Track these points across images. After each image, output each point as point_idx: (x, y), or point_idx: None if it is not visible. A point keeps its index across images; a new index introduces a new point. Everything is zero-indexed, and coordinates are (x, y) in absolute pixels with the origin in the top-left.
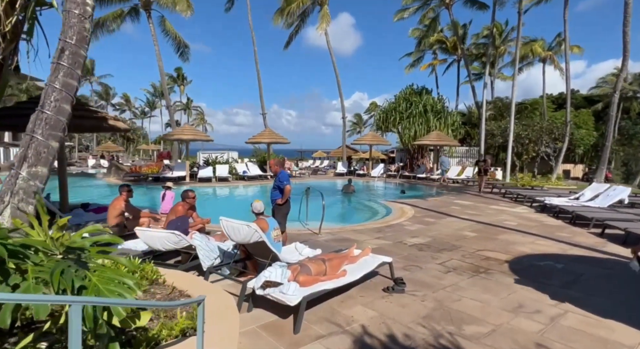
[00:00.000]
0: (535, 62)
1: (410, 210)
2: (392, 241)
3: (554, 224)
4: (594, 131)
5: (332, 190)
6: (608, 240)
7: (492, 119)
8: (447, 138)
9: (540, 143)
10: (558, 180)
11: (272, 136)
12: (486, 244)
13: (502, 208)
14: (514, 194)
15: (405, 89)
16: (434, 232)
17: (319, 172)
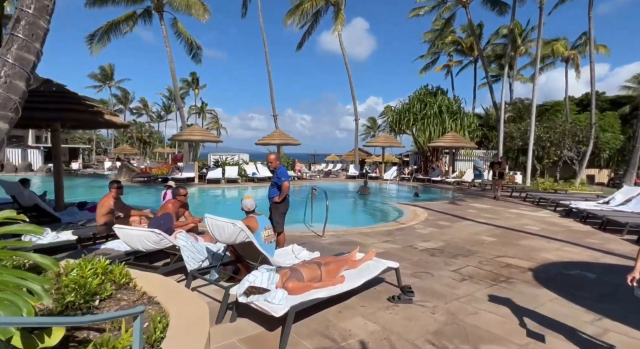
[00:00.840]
0: (557, 62)
1: (423, 213)
2: (401, 245)
3: (582, 229)
4: (620, 135)
5: (343, 192)
6: None
7: (511, 121)
8: (463, 140)
9: (562, 146)
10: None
11: (282, 137)
12: (506, 250)
13: (523, 212)
14: (535, 198)
15: (420, 90)
16: (447, 237)
17: (330, 175)
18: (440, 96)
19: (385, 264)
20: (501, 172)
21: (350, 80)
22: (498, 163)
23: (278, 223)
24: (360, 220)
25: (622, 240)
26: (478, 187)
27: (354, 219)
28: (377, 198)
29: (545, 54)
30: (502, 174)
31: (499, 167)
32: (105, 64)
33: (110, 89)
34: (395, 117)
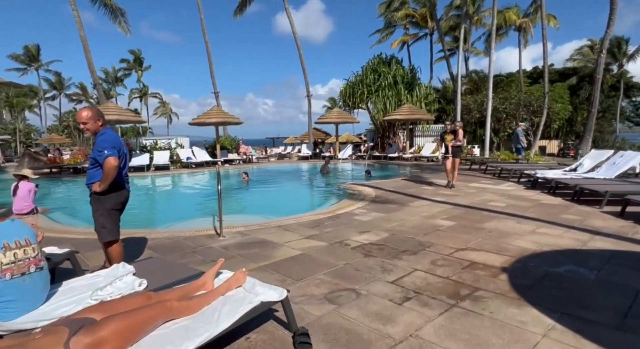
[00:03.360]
0: (510, 32)
1: (372, 193)
2: (328, 241)
3: (554, 203)
4: (568, 105)
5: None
6: (635, 222)
7: (468, 94)
8: (419, 112)
9: (518, 117)
10: (536, 156)
11: (220, 115)
12: (468, 239)
13: (485, 186)
14: (496, 169)
15: (373, 59)
16: (394, 224)
17: (285, 158)
18: (395, 65)
19: (260, 296)
20: (457, 147)
21: (299, 53)
22: (453, 132)
23: (104, 228)
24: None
25: (603, 213)
26: (437, 162)
27: (283, 207)
28: (323, 179)
29: (498, 24)
30: (459, 149)
31: (453, 139)
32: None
33: (37, 71)
34: (348, 90)
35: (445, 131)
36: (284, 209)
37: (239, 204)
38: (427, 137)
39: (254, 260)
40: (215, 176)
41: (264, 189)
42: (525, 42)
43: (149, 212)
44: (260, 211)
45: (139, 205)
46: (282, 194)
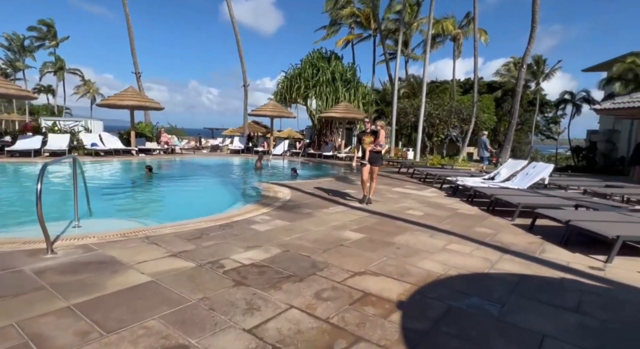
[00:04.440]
0: (446, 41)
1: (287, 195)
2: (199, 261)
3: (470, 212)
4: (494, 116)
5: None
6: (543, 237)
7: (406, 98)
8: (355, 111)
9: (449, 124)
10: (464, 161)
11: (136, 98)
12: (371, 258)
13: (408, 191)
14: (422, 174)
15: (313, 53)
16: (294, 236)
17: (218, 150)
18: (334, 62)
19: None
20: (376, 152)
21: (237, 38)
22: (373, 133)
23: None
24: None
25: (515, 227)
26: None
27: (175, 210)
28: (244, 177)
29: (436, 32)
30: (380, 156)
31: (373, 142)
32: None
33: None
34: (286, 83)
35: (364, 132)
36: (174, 213)
37: (119, 205)
38: None
39: (69, 294)
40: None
41: (167, 186)
42: (459, 52)
43: None
44: (141, 215)
45: None
46: (183, 194)
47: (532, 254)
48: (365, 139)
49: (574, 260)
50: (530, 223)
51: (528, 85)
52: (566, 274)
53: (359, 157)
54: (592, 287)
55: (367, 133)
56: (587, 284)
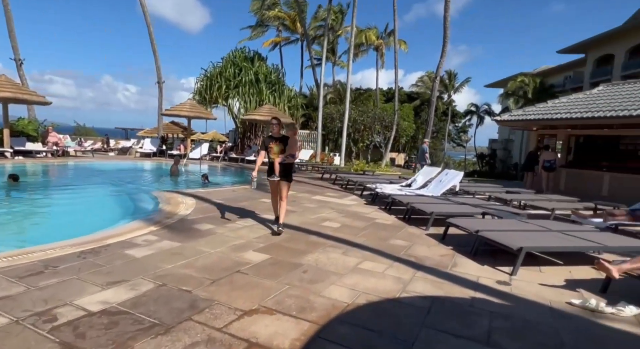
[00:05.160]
0: (370, 51)
1: (189, 207)
2: (21, 312)
3: (388, 222)
4: (413, 124)
5: (104, 175)
6: (455, 248)
7: (333, 103)
8: (280, 114)
9: (373, 130)
10: (387, 167)
11: (10, 89)
12: (270, 288)
13: (328, 199)
14: (344, 181)
15: (235, 52)
16: (179, 262)
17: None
18: (258, 62)
19: None
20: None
21: (149, 30)
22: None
23: None
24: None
25: (428, 237)
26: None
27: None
28: (140, 185)
29: (360, 41)
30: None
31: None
32: None
33: None
34: (206, 82)
35: (272, 137)
36: (28, 236)
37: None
38: None
39: None
40: None
41: (33, 199)
42: (382, 62)
43: None
44: None
45: None
46: (53, 209)
47: (444, 270)
48: (274, 147)
49: (483, 274)
50: (443, 233)
51: (442, 97)
52: (476, 292)
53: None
54: (501, 308)
55: (276, 140)
56: (496, 305)
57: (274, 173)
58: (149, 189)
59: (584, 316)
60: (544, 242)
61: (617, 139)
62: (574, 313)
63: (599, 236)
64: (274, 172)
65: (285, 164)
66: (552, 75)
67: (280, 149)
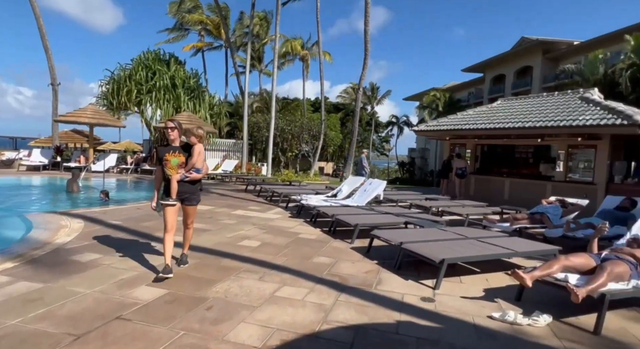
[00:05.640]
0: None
1: (70, 234)
2: None
3: (312, 236)
4: (340, 134)
5: None
6: (379, 262)
7: (259, 112)
8: (200, 122)
9: (301, 140)
10: (315, 176)
11: None
12: (158, 339)
13: (250, 213)
14: (269, 192)
15: (147, 53)
16: (35, 312)
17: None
18: (175, 66)
19: None
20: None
21: (38, 23)
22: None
23: None
24: None
25: (353, 251)
26: (220, 180)
27: None
28: (13, 205)
29: (286, 51)
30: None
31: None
32: None
33: None
34: (113, 85)
35: (167, 146)
36: None
37: None
38: (218, 152)
39: None
40: None
41: None
42: (307, 72)
43: None
44: None
45: None
46: None
47: (368, 290)
48: (170, 160)
49: (407, 290)
50: (368, 245)
51: (365, 108)
52: (402, 314)
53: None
54: (427, 332)
55: (173, 150)
56: (422, 328)
57: (169, 196)
58: (25, 210)
59: (506, 331)
60: (463, 252)
61: (514, 148)
62: (497, 329)
63: (509, 242)
64: (172, 195)
65: (187, 181)
66: (459, 90)
67: (180, 161)
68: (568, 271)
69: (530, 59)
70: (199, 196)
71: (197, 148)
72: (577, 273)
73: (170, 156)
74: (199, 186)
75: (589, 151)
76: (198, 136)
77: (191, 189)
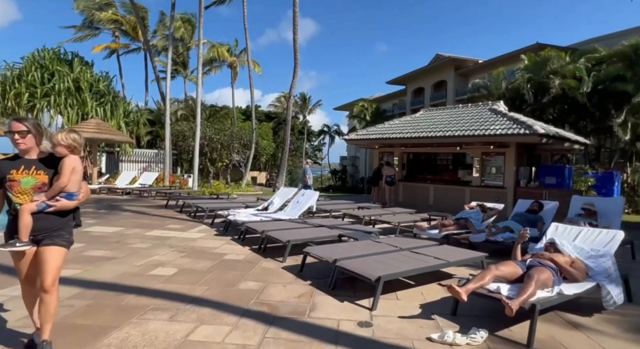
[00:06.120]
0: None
1: None
2: None
3: (240, 257)
4: (272, 143)
5: None
6: (313, 283)
7: (185, 120)
8: (112, 131)
9: (232, 149)
10: (247, 186)
11: None
12: None
13: (169, 233)
14: (192, 208)
15: (43, 52)
16: None
17: None
18: (80, 67)
19: None
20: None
21: None
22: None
23: None
24: None
25: (285, 271)
26: (134, 194)
27: None
28: None
29: (213, 57)
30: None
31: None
32: None
33: None
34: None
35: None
36: None
37: None
38: (137, 164)
39: None
40: None
41: None
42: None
43: None
44: None
45: None
46: None
47: (301, 319)
48: (19, 180)
49: (343, 315)
50: (301, 263)
51: (297, 117)
52: (338, 347)
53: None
54: None
55: (28, 165)
56: None
57: (16, 235)
58: None
59: None
60: (399, 266)
61: (436, 156)
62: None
63: (441, 252)
64: (19, 235)
65: (51, 213)
66: (384, 101)
67: (39, 182)
68: (499, 281)
69: (444, 74)
70: (71, 235)
71: (67, 162)
72: (506, 281)
73: (18, 175)
74: (72, 219)
75: (499, 157)
76: (66, 144)
77: (56, 223)
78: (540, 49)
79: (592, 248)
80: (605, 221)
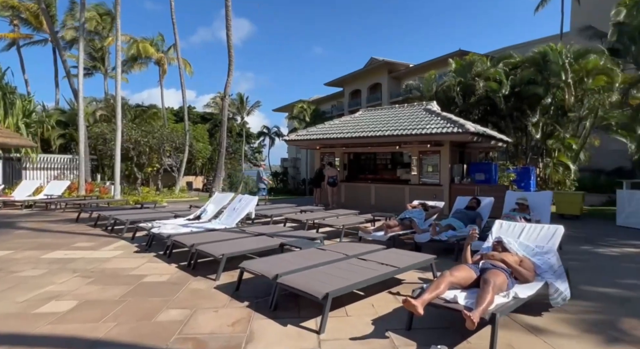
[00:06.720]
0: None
1: None
2: None
3: (163, 278)
4: (209, 145)
5: None
6: (251, 304)
7: (105, 121)
8: (6, 133)
9: (163, 153)
10: (182, 192)
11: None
12: None
13: (75, 254)
14: (110, 220)
15: None
16: None
17: None
18: None
19: None
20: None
21: None
22: None
23: None
24: None
25: (218, 291)
26: (38, 207)
27: None
28: None
29: (137, 53)
30: None
31: None
32: None
33: None
34: None
35: None
36: None
37: None
38: (46, 171)
39: None
40: None
41: None
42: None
43: None
44: None
45: None
46: None
47: None
48: None
49: (287, 344)
50: (237, 281)
51: (235, 119)
52: None
53: None
54: None
55: None
56: None
57: None
58: None
59: None
60: (348, 279)
61: (375, 155)
62: None
63: (390, 257)
64: None
65: None
66: (323, 103)
67: None
68: (454, 287)
69: (379, 76)
70: None
71: None
72: (461, 287)
73: None
74: None
75: (435, 156)
76: None
77: None
78: (462, 55)
79: (536, 245)
80: (536, 215)
